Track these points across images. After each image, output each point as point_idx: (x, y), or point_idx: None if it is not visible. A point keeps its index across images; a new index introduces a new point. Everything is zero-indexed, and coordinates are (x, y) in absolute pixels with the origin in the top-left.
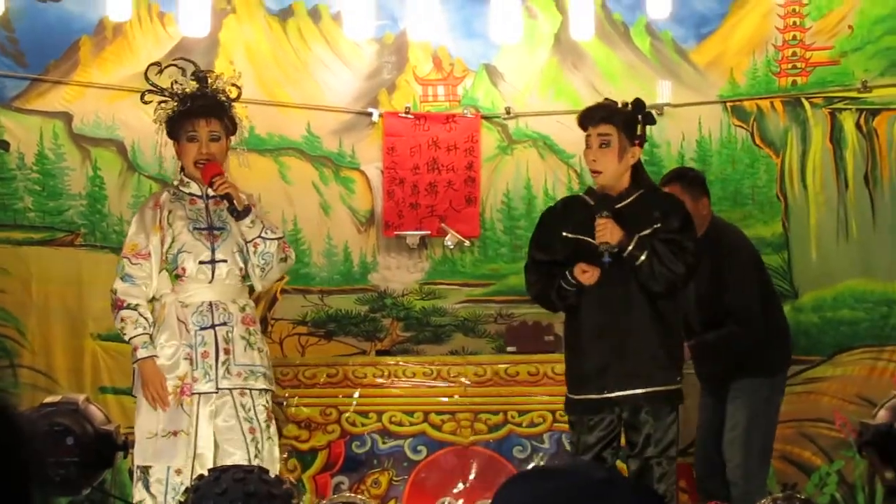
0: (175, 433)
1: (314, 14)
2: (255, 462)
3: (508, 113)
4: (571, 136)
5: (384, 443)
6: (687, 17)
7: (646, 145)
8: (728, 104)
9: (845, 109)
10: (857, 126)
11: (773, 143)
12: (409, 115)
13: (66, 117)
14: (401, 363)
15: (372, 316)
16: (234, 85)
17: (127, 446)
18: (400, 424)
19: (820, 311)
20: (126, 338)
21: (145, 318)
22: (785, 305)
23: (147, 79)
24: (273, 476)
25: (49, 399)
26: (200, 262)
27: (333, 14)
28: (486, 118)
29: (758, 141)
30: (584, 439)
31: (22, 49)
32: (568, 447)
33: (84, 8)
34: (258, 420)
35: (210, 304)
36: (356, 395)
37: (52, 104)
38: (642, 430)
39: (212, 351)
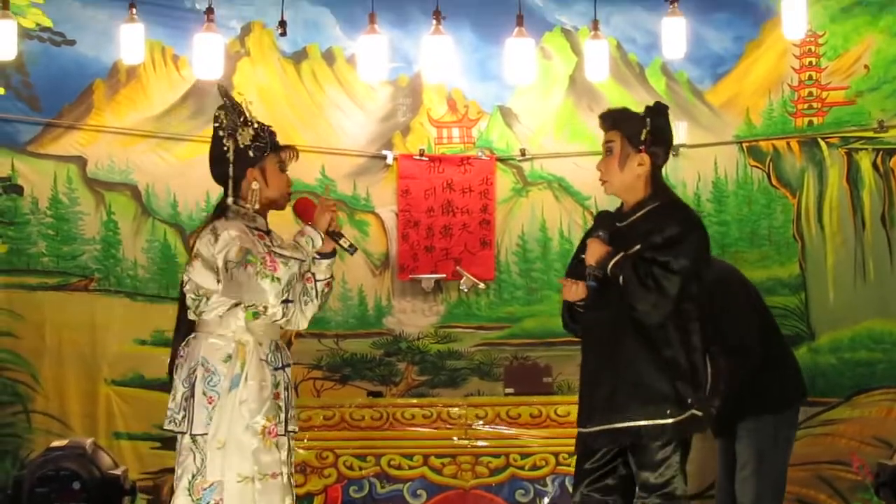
0: (274, 475)
1: (328, 57)
2: None
3: (523, 154)
4: (587, 178)
5: (382, 487)
6: (702, 58)
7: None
8: (744, 144)
9: (862, 149)
10: (874, 166)
11: (790, 183)
12: (424, 158)
13: (81, 161)
14: (399, 405)
15: (387, 360)
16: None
17: (135, 491)
18: (399, 468)
19: (837, 352)
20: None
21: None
22: (802, 346)
23: (223, 95)
24: None
25: (56, 443)
26: (282, 301)
27: (348, 57)
28: (501, 160)
29: (774, 181)
30: (580, 468)
31: (36, 93)
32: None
33: (98, 51)
34: (292, 467)
35: (276, 343)
36: None
37: (66, 148)
38: (632, 466)
39: (283, 392)
